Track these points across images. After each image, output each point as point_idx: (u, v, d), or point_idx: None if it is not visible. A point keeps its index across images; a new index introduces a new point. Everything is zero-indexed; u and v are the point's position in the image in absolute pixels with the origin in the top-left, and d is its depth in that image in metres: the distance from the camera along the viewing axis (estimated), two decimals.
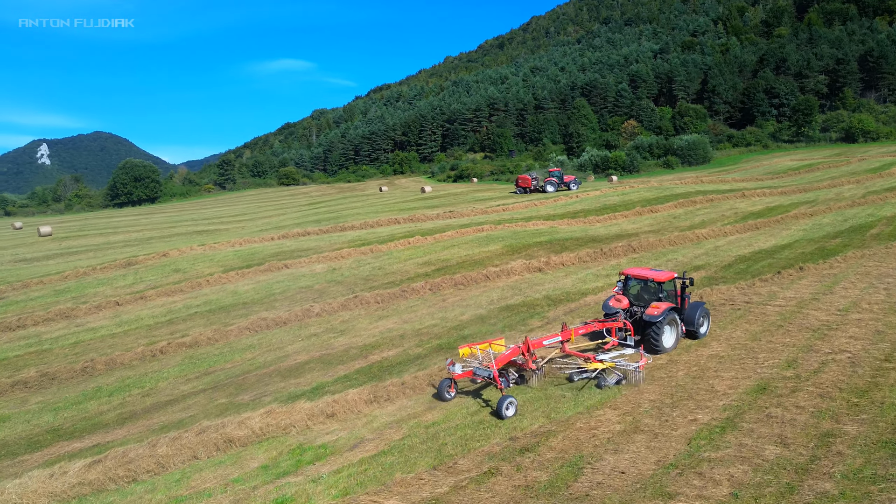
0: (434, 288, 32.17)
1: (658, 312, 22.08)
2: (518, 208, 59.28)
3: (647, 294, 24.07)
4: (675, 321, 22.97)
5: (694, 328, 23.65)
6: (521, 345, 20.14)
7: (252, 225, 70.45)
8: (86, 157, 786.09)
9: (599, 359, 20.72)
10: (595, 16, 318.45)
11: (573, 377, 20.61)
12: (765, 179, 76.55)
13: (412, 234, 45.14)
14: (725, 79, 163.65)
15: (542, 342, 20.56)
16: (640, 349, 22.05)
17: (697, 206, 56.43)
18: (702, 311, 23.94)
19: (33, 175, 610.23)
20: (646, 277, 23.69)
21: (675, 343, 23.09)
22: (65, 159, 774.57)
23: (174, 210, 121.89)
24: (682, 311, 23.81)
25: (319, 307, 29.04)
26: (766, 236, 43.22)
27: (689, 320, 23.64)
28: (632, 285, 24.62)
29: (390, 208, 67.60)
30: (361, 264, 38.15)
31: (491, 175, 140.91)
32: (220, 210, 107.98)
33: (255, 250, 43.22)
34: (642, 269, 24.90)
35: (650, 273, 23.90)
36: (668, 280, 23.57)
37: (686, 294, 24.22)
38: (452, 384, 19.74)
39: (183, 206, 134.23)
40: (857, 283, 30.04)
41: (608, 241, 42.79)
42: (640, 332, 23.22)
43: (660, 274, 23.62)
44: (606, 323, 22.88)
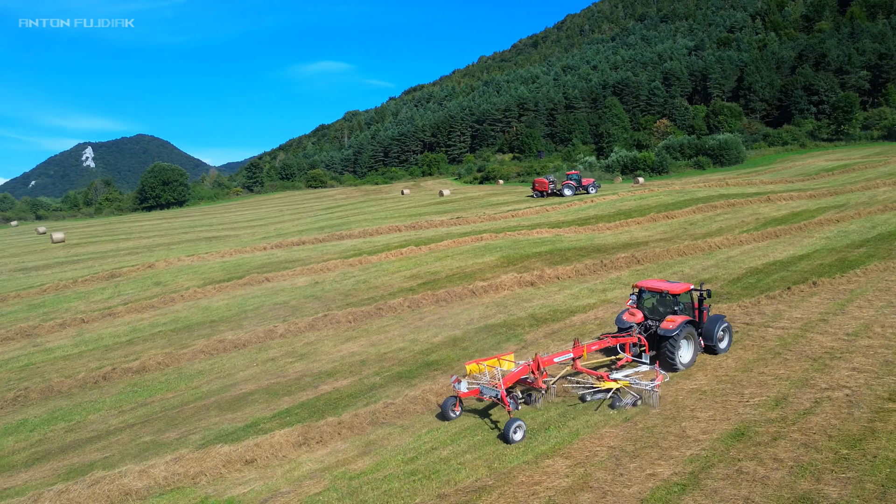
0: (413, 305, 30.14)
1: (673, 326, 20.81)
2: (529, 214, 56.99)
3: (663, 307, 22.69)
4: (692, 335, 21.56)
5: (713, 343, 22.22)
6: (530, 362, 18.89)
7: (262, 231, 69.16)
8: (128, 160, 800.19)
9: (613, 377, 19.63)
10: (630, 13, 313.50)
11: (586, 397, 19.43)
12: (795, 181, 73.13)
13: (408, 244, 43.20)
14: (762, 76, 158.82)
15: (553, 359, 19.50)
16: (656, 366, 20.65)
17: (717, 212, 53.57)
18: (722, 324, 22.47)
19: (78, 178, 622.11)
20: (660, 290, 22.24)
21: (693, 359, 21.66)
22: (108, 162, 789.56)
23: (198, 214, 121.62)
24: (701, 325, 22.42)
25: (284, 327, 27.18)
26: (784, 245, 40.40)
27: (708, 334, 22.23)
28: (646, 298, 23.19)
29: (401, 214, 65.74)
30: (346, 277, 36.29)
31: (517, 177, 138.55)
32: (240, 214, 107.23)
33: (243, 261, 41.67)
34: (656, 281, 23.49)
35: (664, 285, 22.51)
36: (683, 292, 22.18)
37: (704, 307, 22.72)
38: (458, 403, 18.68)
39: (207, 209, 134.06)
40: (874, 302, 27.30)
41: (613, 252, 40.36)
42: (655, 348, 21.93)
43: (675, 286, 22.23)
44: (620, 338, 21.60)
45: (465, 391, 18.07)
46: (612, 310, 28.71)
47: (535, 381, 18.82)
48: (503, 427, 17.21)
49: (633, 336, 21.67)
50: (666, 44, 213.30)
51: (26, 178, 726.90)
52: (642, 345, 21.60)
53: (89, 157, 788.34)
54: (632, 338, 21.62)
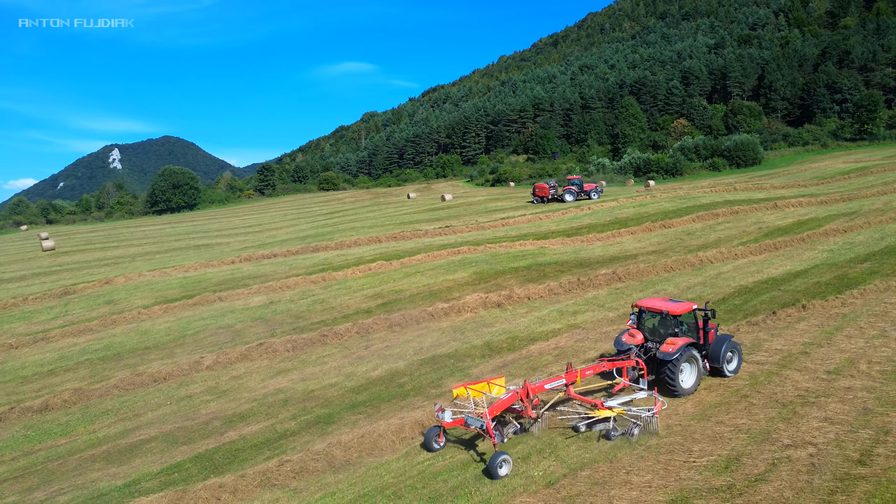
0: (363, 330, 27.77)
1: (673, 349, 19.57)
2: (520, 222, 54.42)
3: (664, 328, 21.35)
4: (694, 359, 20.20)
5: (719, 365, 20.83)
6: (518, 389, 17.78)
7: (254, 238, 67.26)
8: (154, 161, 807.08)
9: (608, 406, 18.30)
10: (652, 10, 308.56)
11: (579, 427, 18.15)
12: (808, 185, 69.78)
13: (381, 258, 40.87)
14: (783, 74, 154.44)
15: (544, 386, 18.28)
16: (654, 392, 19.17)
17: (718, 220, 50.66)
18: (730, 345, 21.08)
19: (105, 179, 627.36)
20: (660, 310, 20.84)
21: (696, 384, 20.36)
22: (135, 164, 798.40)
23: (203, 218, 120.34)
24: (705, 347, 21.03)
25: (213, 358, 24.93)
26: (782, 259, 37.52)
27: (714, 356, 20.84)
28: (647, 318, 21.83)
29: (392, 221, 63.43)
30: (304, 296, 34.04)
31: (529, 179, 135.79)
32: (243, 219, 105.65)
33: (205, 277, 39.61)
34: (657, 300, 21.88)
35: (665, 304, 21.11)
36: (685, 312, 20.78)
37: (709, 327, 21.28)
38: (441, 433, 17.53)
39: (215, 213, 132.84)
40: (866, 330, 24.50)
41: (596, 267, 37.72)
42: (655, 372, 20.54)
43: (676, 305, 20.91)
44: (617, 362, 20.31)
45: (449, 421, 17.07)
46: (577, 337, 26.20)
47: (525, 409, 17.79)
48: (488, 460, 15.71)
49: (631, 359, 20.22)
50: (686, 42, 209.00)
51: (55, 180, 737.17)
52: (640, 369, 20.21)
53: (116, 158, 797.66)
54: (629, 361, 20.19)
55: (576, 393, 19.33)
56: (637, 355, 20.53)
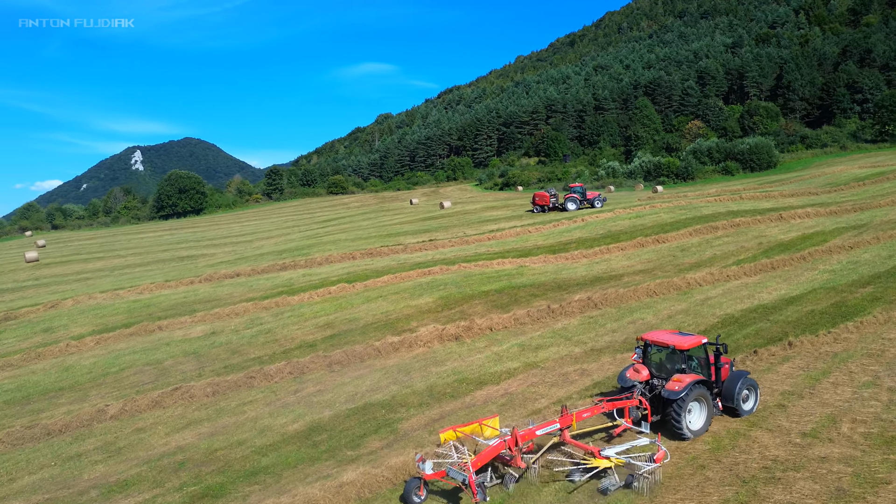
0: (298, 371, 25.08)
1: (679, 388, 17.78)
2: (508, 236, 51.57)
3: (671, 363, 19.41)
4: (703, 398, 18.45)
5: (734, 404, 19.04)
6: (507, 437, 16.31)
7: (242, 248, 65.05)
8: (176, 163, 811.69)
9: (605, 454, 16.43)
10: (670, 9, 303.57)
11: (574, 476, 16.42)
12: (820, 193, 66.26)
13: (345, 279, 38.21)
14: (802, 73, 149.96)
15: (535, 432, 16.77)
16: (657, 439, 17.15)
17: (717, 234, 47.53)
18: (745, 382, 19.27)
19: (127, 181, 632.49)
20: (666, 343, 18.98)
21: (706, 425, 18.58)
22: (157, 165, 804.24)
23: (204, 225, 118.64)
24: (717, 385, 19.36)
25: (120, 406, 22.36)
26: (777, 282, 34.42)
27: (728, 394, 19.10)
28: (653, 352, 19.90)
29: (379, 233, 60.78)
30: (251, 325, 31.47)
31: (538, 183, 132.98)
32: (242, 226, 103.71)
33: (156, 301, 37.19)
34: (663, 333, 20.01)
35: (671, 338, 19.22)
36: (694, 346, 18.94)
37: (722, 362, 19.58)
38: (422, 486, 15.89)
39: (219, 219, 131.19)
40: (857, 375, 21.49)
41: (574, 290, 34.81)
42: (661, 412, 18.79)
43: (684, 339, 18.99)
44: (617, 402, 18.46)
45: (431, 473, 15.65)
46: (532, 380, 23.40)
47: (514, 458, 16.18)
48: None
49: (634, 398, 18.53)
50: (703, 41, 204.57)
51: (78, 182, 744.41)
52: (644, 409, 18.48)
53: (138, 160, 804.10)
54: (632, 400, 18.45)
55: (571, 437, 17.52)
56: (641, 393, 18.77)
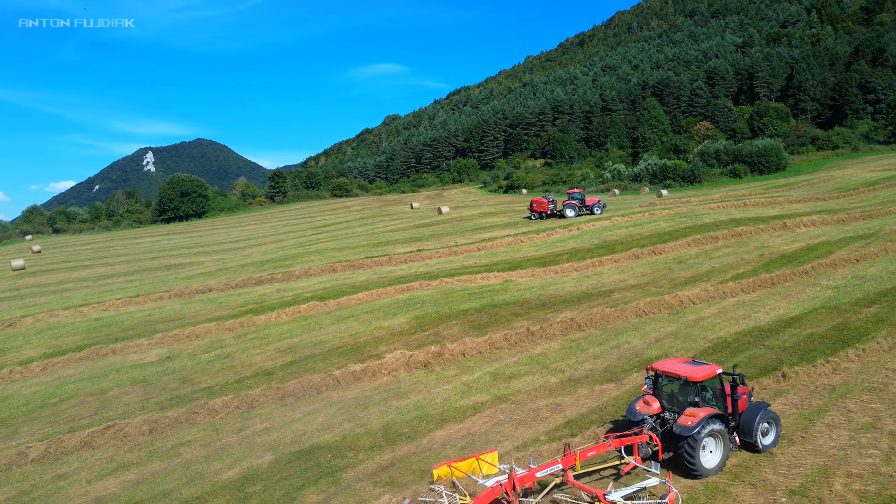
0: (246, 405, 23.08)
1: (693, 423, 16.40)
2: (499, 246, 49.51)
3: (684, 396, 18.05)
4: (719, 433, 16.87)
5: (752, 439, 17.50)
6: (504, 480, 14.82)
7: (233, 256, 63.35)
8: (187, 164, 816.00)
9: (611, 499, 14.87)
10: (681, 8, 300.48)
11: None
12: (828, 199, 63.84)
13: (317, 297, 36.26)
14: (814, 73, 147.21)
15: (535, 474, 15.32)
16: (668, 480, 15.68)
17: (718, 244, 45.35)
18: (765, 415, 17.75)
19: (139, 182, 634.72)
20: (677, 374, 17.59)
21: (723, 462, 17.02)
22: (168, 166, 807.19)
23: (205, 229, 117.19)
24: (734, 418, 17.82)
25: (43, 448, 20.39)
26: (776, 299, 32.25)
27: (747, 428, 17.57)
28: (664, 383, 18.49)
29: (368, 242, 58.77)
30: (211, 348, 29.57)
31: (543, 185, 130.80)
32: (240, 231, 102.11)
33: (118, 319, 35.36)
34: (675, 362, 18.57)
35: (683, 368, 17.79)
36: (708, 377, 17.52)
37: (739, 393, 18.09)
38: None
39: (219, 223, 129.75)
40: (856, 415, 19.38)
41: (559, 308, 32.76)
42: (672, 448, 17.21)
43: (697, 369, 17.55)
44: (626, 439, 16.80)
45: None
46: (499, 416, 21.40)
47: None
48: None
49: (644, 434, 16.97)
50: (713, 41, 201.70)
51: (91, 183, 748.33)
52: (655, 445, 16.93)
53: (150, 161, 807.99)
54: (641, 436, 16.89)
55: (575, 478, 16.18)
56: (651, 428, 17.30)
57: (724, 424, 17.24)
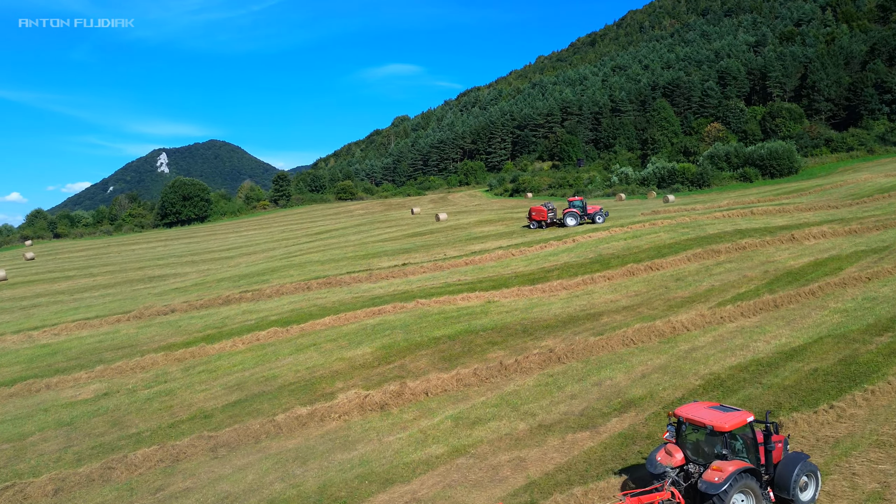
0: (171, 458, 20.40)
1: (720, 479, 14.25)
2: (488, 259, 46.84)
3: (711, 446, 15.61)
4: (750, 489, 14.80)
5: (789, 495, 15.35)
6: None
7: (218, 267, 61.10)
8: (201, 165, 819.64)
9: None
10: (693, 7, 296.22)
11: None
12: (840, 206, 60.67)
13: (280, 323, 33.72)
14: (828, 73, 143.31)
15: None
16: None
17: (720, 259, 42.50)
18: (804, 467, 15.59)
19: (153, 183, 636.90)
20: (702, 423, 15.15)
21: None
22: (182, 167, 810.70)
23: (203, 234, 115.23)
24: (768, 471, 15.67)
25: None
26: (779, 325, 29.43)
27: (783, 482, 15.38)
28: (688, 431, 16.05)
29: (356, 253, 56.21)
30: (155, 383, 27.09)
31: (549, 189, 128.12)
32: (238, 236, 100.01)
33: (67, 345, 32.98)
34: (700, 408, 15.98)
35: (711, 416, 15.31)
36: (738, 427, 15.17)
37: (773, 442, 15.86)
38: None
39: (219, 227, 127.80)
40: (862, 480, 16.62)
41: (541, 335, 30.07)
42: None
43: (726, 417, 15.14)
44: (645, 497, 14.76)
45: None
46: (454, 475, 18.76)
47: None
48: None
49: (665, 490, 15.02)
50: (724, 40, 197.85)
51: (105, 184, 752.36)
52: (677, 503, 15.04)
53: (163, 162, 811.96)
54: (662, 493, 14.94)
55: None
56: (673, 483, 15.31)
57: (756, 479, 15.04)
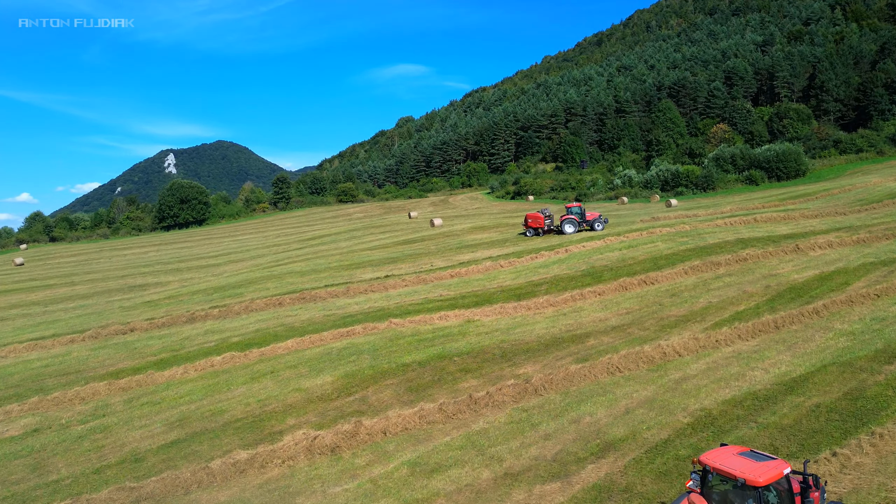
0: None
1: None
2: (474, 272, 44.46)
3: (741, 499, 13.51)
4: None
5: None
6: None
7: (201, 275, 58.95)
8: (208, 165, 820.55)
9: None
10: (701, 6, 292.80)
11: None
12: (848, 213, 57.93)
13: (243, 343, 31.43)
14: (837, 72, 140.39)
15: None
16: None
17: (719, 272, 40.00)
18: None
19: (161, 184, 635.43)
20: (733, 475, 13.11)
21: None
22: (189, 168, 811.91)
23: (198, 238, 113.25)
24: None
25: None
26: (779, 350, 26.92)
27: None
28: (714, 481, 14.02)
29: (340, 263, 53.88)
30: (92, 417, 24.61)
31: (550, 192, 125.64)
32: (232, 240, 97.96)
33: (12, 371, 30.49)
34: (730, 455, 13.87)
35: (742, 465, 13.27)
36: (774, 480, 13.13)
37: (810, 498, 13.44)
38: None
39: (215, 231, 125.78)
40: None
41: (521, 360, 27.65)
42: None
43: (758, 469, 13.10)
44: None
45: None
46: None
47: None
48: None
49: None
50: (731, 39, 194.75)
51: (113, 185, 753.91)
52: None
53: (171, 163, 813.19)
54: None
55: None
56: None
57: None
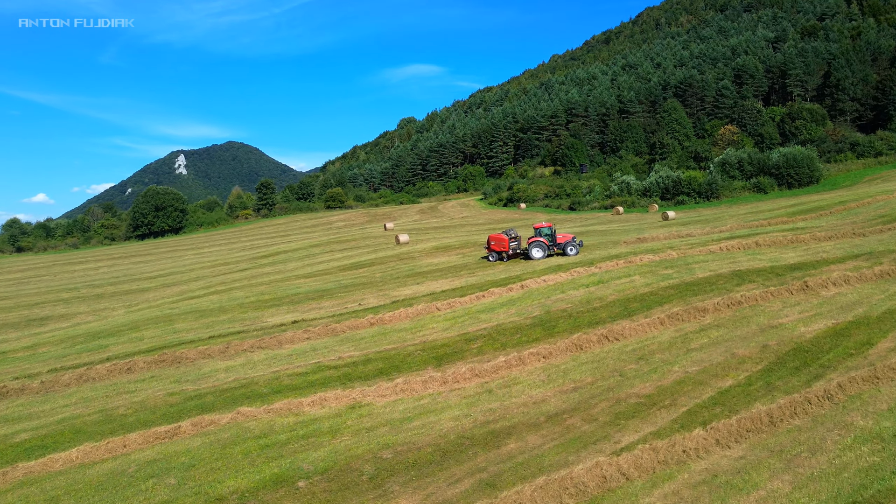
0: None
1: None
2: (402, 318, 35.76)
3: None
4: None
5: None
6: None
7: (110, 306, 50.92)
8: (218, 166, 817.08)
9: None
10: (712, 2, 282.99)
11: None
12: (867, 234, 48.79)
13: (4, 458, 23.16)
14: (853, 70, 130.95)
15: None
16: None
17: (705, 322, 31.32)
18: None
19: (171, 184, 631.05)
20: None
21: None
22: (200, 168, 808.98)
23: (163, 250, 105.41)
24: None
25: None
26: (776, 466, 18.23)
27: None
28: None
29: (261, 295, 45.57)
30: None
31: (544, 199, 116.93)
32: (190, 256, 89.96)
33: None
34: None
35: None
36: None
37: None
38: None
39: (189, 241, 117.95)
40: None
41: (395, 489, 19.19)
42: None
43: None
44: None
45: None
46: None
47: None
48: None
49: None
50: (742, 36, 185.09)
51: (124, 186, 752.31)
52: None
53: (182, 164, 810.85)
54: None
55: None
56: None
57: None
